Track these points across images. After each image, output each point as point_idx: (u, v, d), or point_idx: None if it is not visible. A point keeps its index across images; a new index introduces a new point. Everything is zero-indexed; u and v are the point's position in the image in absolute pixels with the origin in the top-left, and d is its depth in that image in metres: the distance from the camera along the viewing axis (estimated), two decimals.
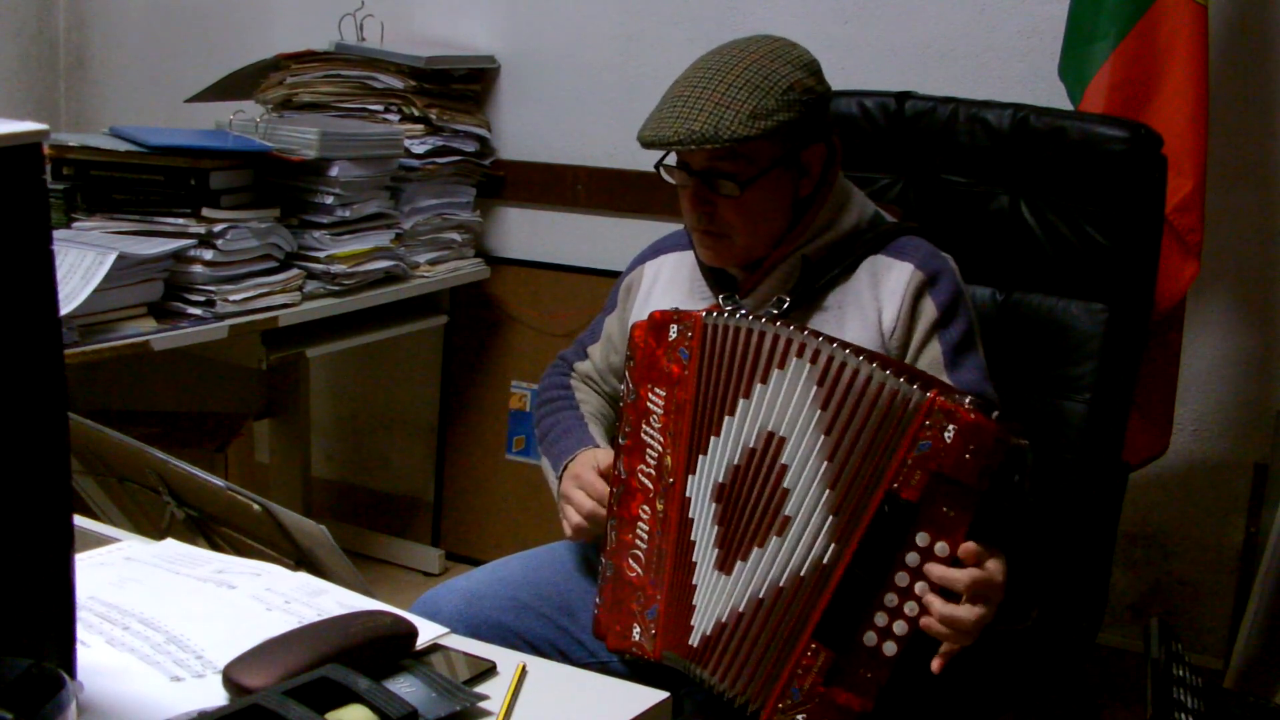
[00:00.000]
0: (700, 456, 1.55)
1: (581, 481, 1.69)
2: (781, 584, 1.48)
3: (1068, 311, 1.86)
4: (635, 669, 1.62)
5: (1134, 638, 2.52)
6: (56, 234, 1.24)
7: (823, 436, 1.46)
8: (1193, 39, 2.22)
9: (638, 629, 1.58)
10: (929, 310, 1.67)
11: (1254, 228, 2.50)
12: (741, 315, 1.56)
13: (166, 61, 3.61)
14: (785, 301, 1.68)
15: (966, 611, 1.41)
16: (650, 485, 1.58)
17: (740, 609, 1.50)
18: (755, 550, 1.50)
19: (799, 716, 1.44)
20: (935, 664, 1.44)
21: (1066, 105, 2.28)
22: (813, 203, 1.71)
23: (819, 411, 1.47)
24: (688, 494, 1.55)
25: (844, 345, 1.49)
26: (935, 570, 1.41)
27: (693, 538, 1.55)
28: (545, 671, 1.13)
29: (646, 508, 1.58)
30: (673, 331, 1.58)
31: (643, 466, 1.59)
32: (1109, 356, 1.83)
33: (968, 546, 1.40)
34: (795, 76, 1.64)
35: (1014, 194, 1.92)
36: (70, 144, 2.52)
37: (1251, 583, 2.20)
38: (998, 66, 2.61)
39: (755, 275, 1.72)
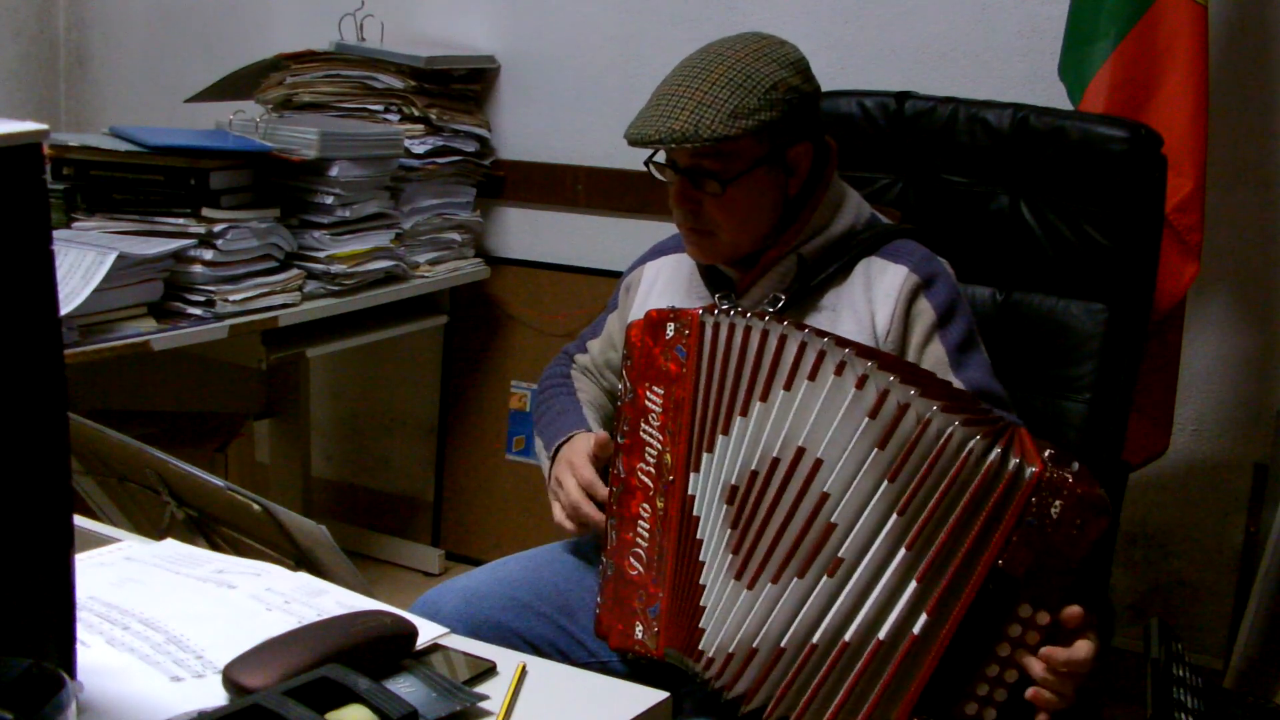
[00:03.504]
0: (705, 454, 1.53)
1: (574, 467, 1.69)
2: (848, 638, 1.41)
3: (1068, 311, 1.86)
4: (635, 669, 1.62)
5: (1134, 638, 2.52)
6: (56, 234, 1.24)
7: (886, 483, 1.40)
8: (1193, 39, 2.22)
9: (640, 627, 1.57)
10: (926, 312, 1.67)
11: (1254, 228, 2.50)
12: (737, 313, 1.55)
13: (166, 61, 3.61)
14: (781, 300, 1.68)
15: (1075, 689, 1.40)
16: (650, 483, 1.57)
17: (783, 644, 1.45)
18: (794, 580, 1.44)
19: None
20: None
21: (1066, 105, 2.28)
22: (805, 202, 1.72)
23: (875, 450, 1.41)
24: (690, 491, 1.54)
25: (885, 366, 1.44)
26: (1057, 655, 1.38)
27: (699, 536, 1.53)
28: (545, 671, 1.13)
29: (647, 506, 1.57)
30: (669, 329, 1.57)
31: (642, 465, 1.58)
32: (1109, 356, 1.83)
33: (1073, 612, 1.38)
34: (779, 75, 1.64)
35: (1014, 194, 1.92)
36: (70, 144, 2.52)
37: (1251, 583, 2.20)
38: (998, 66, 2.61)
39: (751, 274, 1.72)
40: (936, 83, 2.47)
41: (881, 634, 1.40)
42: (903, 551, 1.39)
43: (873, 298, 1.68)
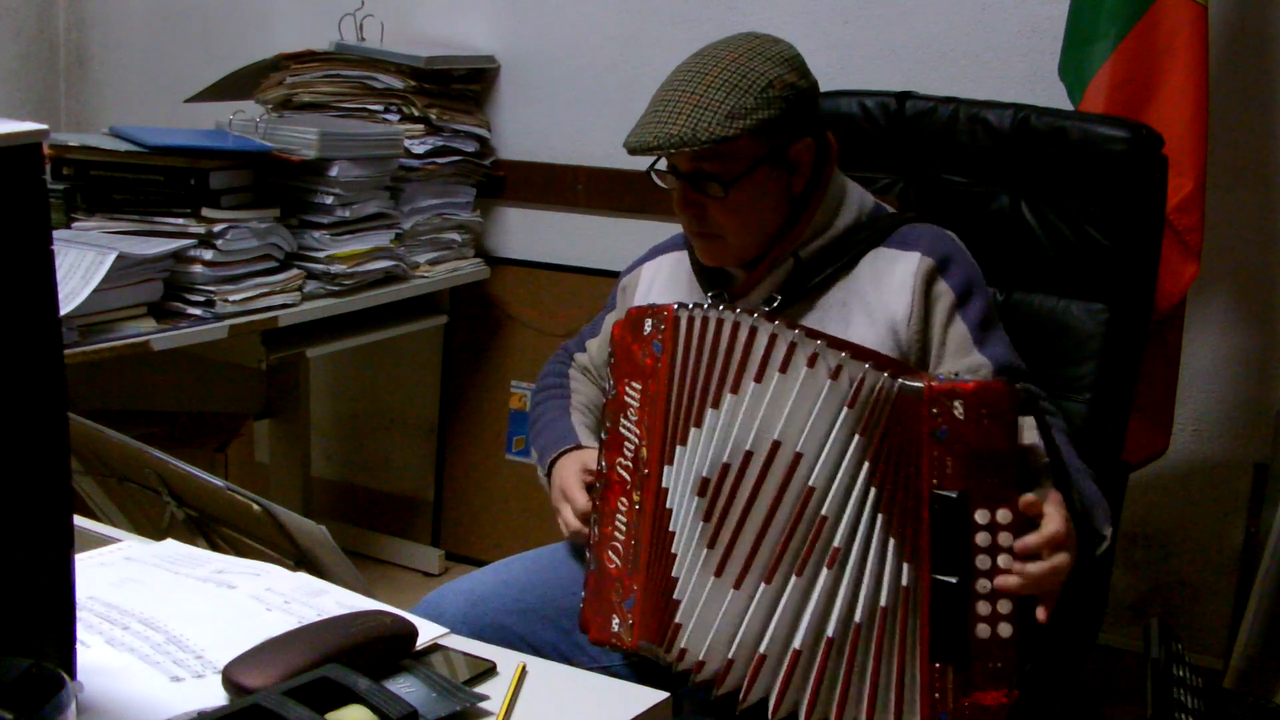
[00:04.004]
0: (679, 447, 1.54)
1: (568, 495, 1.70)
2: (859, 619, 1.43)
3: (1068, 311, 1.86)
4: (640, 672, 1.62)
5: (1134, 638, 2.52)
6: (56, 234, 1.24)
7: (866, 464, 1.43)
8: (1193, 39, 2.22)
9: (616, 620, 1.58)
10: (946, 293, 1.67)
11: (1254, 228, 2.50)
12: (711, 307, 1.56)
13: (166, 61, 3.61)
14: (776, 299, 1.68)
15: (1061, 559, 1.42)
16: (627, 478, 1.58)
17: (796, 645, 1.45)
18: (794, 580, 1.45)
19: None
20: (1041, 614, 1.44)
21: (1067, 105, 2.28)
22: (809, 200, 1.71)
23: (857, 437, 1.43)
24: (664, 484, 1.55)
25: (859, 355, 1.46)
26: (1016, 543, 1.41)
27: (671, 528, 1.54)
28: (545, 671, 1.13)
29: (624, 500, 1.58)
30: (647, 325, 1.58)
31: (621, 460, 1.59)
32: (1109, 356, 1.83)
33: (1025, 499, 1.41)
34: (775, 73, 1.63)
35: (1014, 194, 1.92)
36: (70, 144, 2.52)
37: (1251, 583, 2.20)
38: (998, 66, 2.61)
39: (755, 275, 1.72)
40: (936, 83, 2.47)
41: (883, 601, 1.43)
42: (880, 517, 1.43)
43: (884, 288, 1.67)
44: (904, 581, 1.42)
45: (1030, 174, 1.90)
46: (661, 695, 1.09)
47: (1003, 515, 1.41)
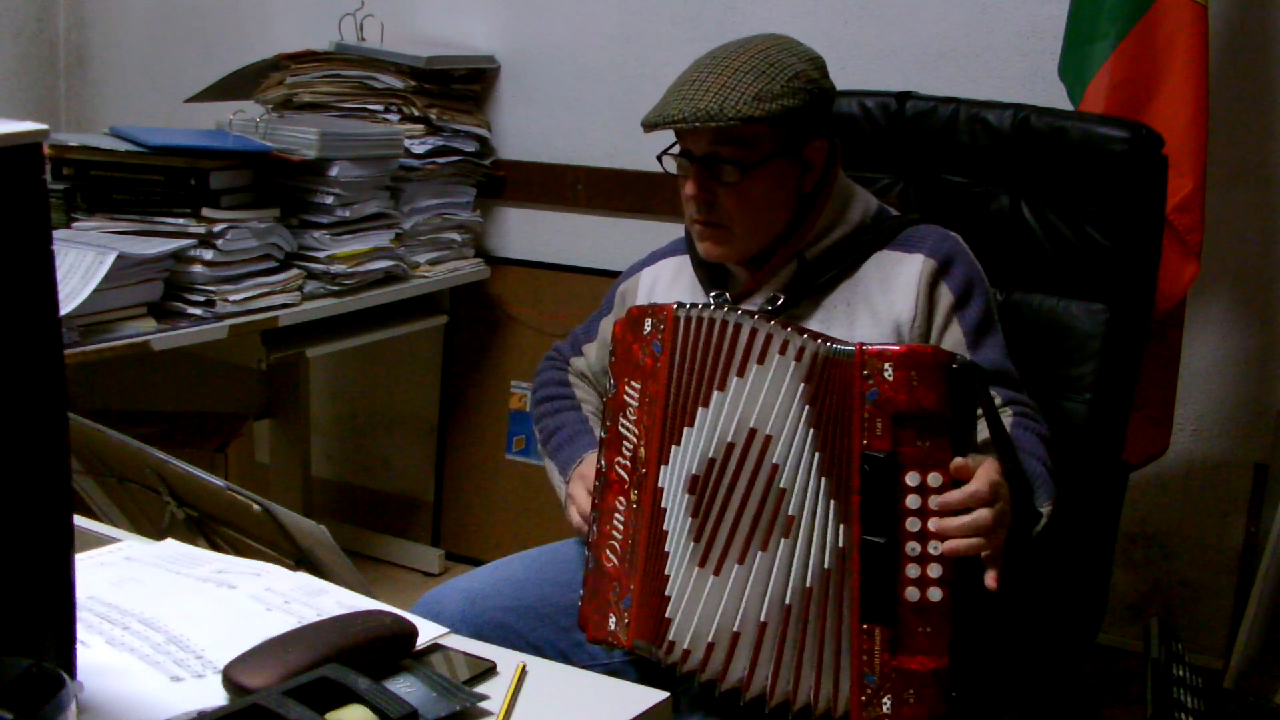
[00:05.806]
0: (674, 446, 1.56)
1: (585, 480, 1.71)
2: (809, 583, 1.46)
3: (1068, 311, 1.86)
4: (641, 670, 1.62)
5: (1134, 638, 2.52)
6: (56, 234, 1.24)
7: (812, 430, 1.47)
8: (1193, 39, 2.22)
9: (613, 619, 1.59)
10: (946, 295, 1.68)
11: (1254, 228, 2.50)
12: (712, 307, 1.57)
13: (166, 61, 3.61)
14: (779, 299, 1.68)
15: (982, 514, 1.42)
16: (626, 476, 1.60)
17: (763, 617, 1.48)
18: (760, 555, 1.48)
19: (884, 700, 1.43)
20: (990, 579, 1.44)
21: (1067, 105, 2.28)
22: (815, 202, 1.71)
23: (806, 407, 1.47)
24: (660, 484, 1.57)
25: (819, 336, 1.49)
26: (937, 499, 1.42)
27: (665, 527, 1.55)
28: (545, 671, 1.13)
29: (622, 499, 1.60)
30: (647, 325, 1.60)
31: (619, 459, 1.60)
32: (1109, 356, 1.83)
33: (955, 462, 1.42)
34: (801, 67, 1.65)
35: (1014, 194, 1.92)
36: (70, 144, 2.52)
37: (1251, 583, 2.20)
38: (998, 66, 2.61)
39: (758, 276, 1.72)
40: (936, 83, 2.47)
41: (826, 564, 1.45)
42: (824, 480, 1.46)
43: (889, 290, 1.68)
44: (840, 543, 1.45)
45: (1030, 174, 1.90)
46: (661, 695, 1.09)
47: (934, 479, 1.42)
